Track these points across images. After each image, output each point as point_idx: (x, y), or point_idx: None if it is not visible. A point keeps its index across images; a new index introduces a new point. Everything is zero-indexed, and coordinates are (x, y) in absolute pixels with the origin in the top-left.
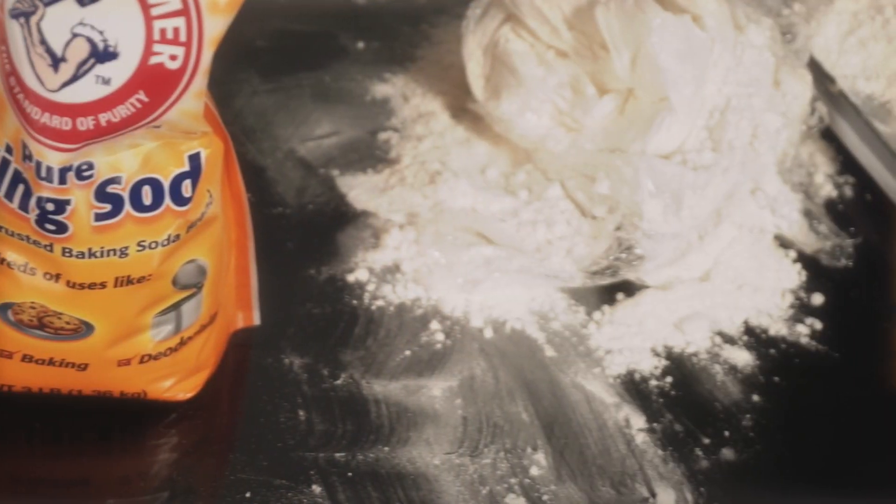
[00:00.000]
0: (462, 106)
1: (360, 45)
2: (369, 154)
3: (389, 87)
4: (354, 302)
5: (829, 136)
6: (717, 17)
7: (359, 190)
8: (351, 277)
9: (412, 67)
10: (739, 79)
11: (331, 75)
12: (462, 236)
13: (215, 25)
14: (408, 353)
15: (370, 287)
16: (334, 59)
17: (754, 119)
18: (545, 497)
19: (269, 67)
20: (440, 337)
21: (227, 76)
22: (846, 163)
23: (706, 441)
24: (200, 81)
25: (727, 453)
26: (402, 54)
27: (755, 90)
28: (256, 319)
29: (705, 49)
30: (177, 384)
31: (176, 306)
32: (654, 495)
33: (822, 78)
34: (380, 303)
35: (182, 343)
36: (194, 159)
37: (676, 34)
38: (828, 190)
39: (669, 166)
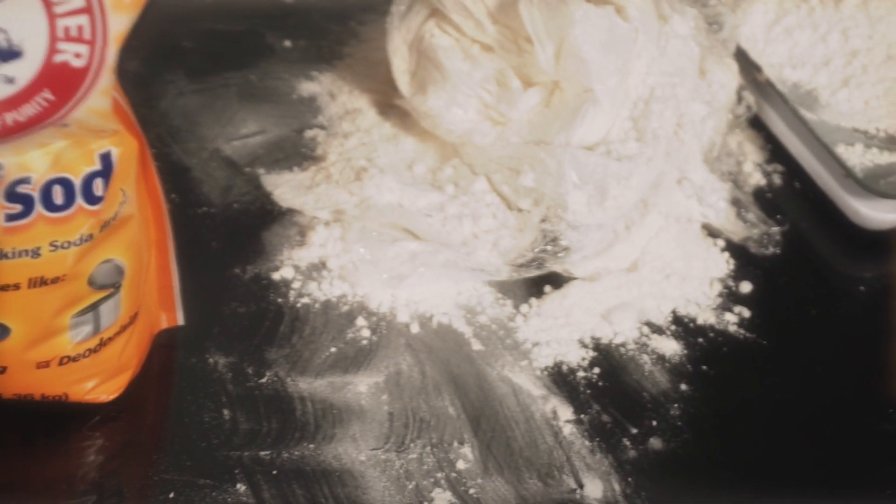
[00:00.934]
0: (389, 102)
1: (288, 43)
2: (295, 152)
3: (316, 85)
4: (280, 300)
5: (757, 125)
6: (640, 8)
7: (284, 188)
8: (276, 275)
9: (339, 65)
10: (664, 69)
11: (257, 74)
12: (388, 232)
13: (120, 22)
14: (333, 349)
15: (296, 285)
16: (261, 58)
17: (679, 108)
18: (472, 491)
19: (195, 67)
20: (366, 333)
21: (152, 77)
22: (775, 151)
23: (634, 431)
24: (107, 79)
25: (655, 443)
26: (329, 52)
27: (680, 80)
28: (180, 320)
29: (629, 40)
30: (99, 386)
31: (94, 307)
32: (581, 486)
33: (749, 67)
34: (305, 300)
35: (102, 344)
36: (105, 158)
37: (599, 25)
38: (756, 178)
39: (593, 157)
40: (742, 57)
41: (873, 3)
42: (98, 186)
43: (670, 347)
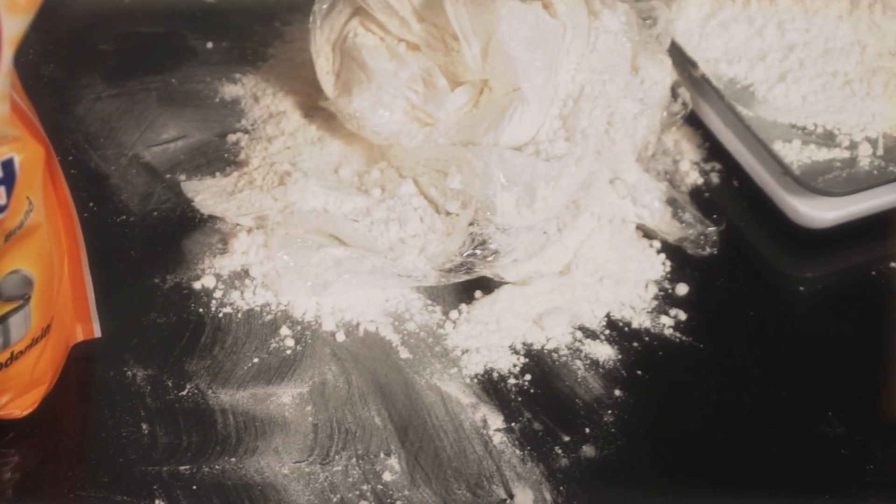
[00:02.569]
0: (314, 104)
1: (210, 45)
2: (218, 157)
3: (239, 88)
4: (201, 310)
5: (695, 122)
6: (568, 4)
7: (206, 194)
8: (197, 285)
9: (263, 67)
10: (593, 65)
11: (178, 77)
12: (313, 238)
13: (14, 25)
14: (256, 360)
15: (217, 294)
16: (182, 61)
17: (610, 106)
18: (398, 503)
19: (113, 71)
20: (290, 343)
21: (69, 81)
22: (713, 149)
23: (566, 439)
24: (2, 83)
25: (588, 450)
26: (253, 54)
27: (610, 76)
28: (97, 332)
29: (556, 36)
30: (12, 401)
31: (2, 319)
32: (511, 496)
33: (684, 62)
34: (227, 310)
35: (13, 358)
36: (7, 165)
37: (526, 21)
38: (694, 177)
39: (521, 157)
40: (677, 52)
41: None
42: (0, 195)
43: (604, 352)
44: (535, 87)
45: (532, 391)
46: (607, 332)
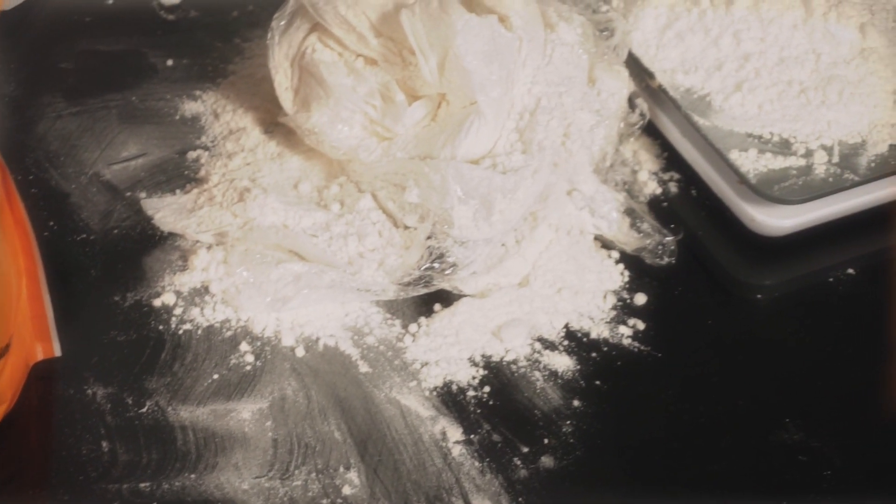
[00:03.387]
0: (274, 120)
1: (170, 62)
2: (178, 174)
3: (200, 105)
4: (161, 327)
5: (653, 133)
6: (524, 17)
7: (166, 212)
8: (157, 302)
9: (224, 83)
10: (550, 78)
11: (139, 95)
12: (272, 254)
13: None
14: (216, 376)
15: (177, 311)
16: (143, 79)
17: (566, 118)
18: None
19: (74, 90)
20: (250, 358)
21: (29, 100)
22: (671, 159)
23: (525, 450)
24: None
25: (546, 461)
26: (213, 70)
27: (567, 89)
28: (57, 350)
29: (512, 49)
30: None
31: None
32: None
33: (641, 73)
34: (187, 326)
35: None
36: None
37: (481, 35)
38: (652, 187)
39: (477, 171)
40: (634, 63)
41: (764, 5)
42: None
43: (563, 363)
44: (492, 101)
45: (491, 403)
46: (566, 342)
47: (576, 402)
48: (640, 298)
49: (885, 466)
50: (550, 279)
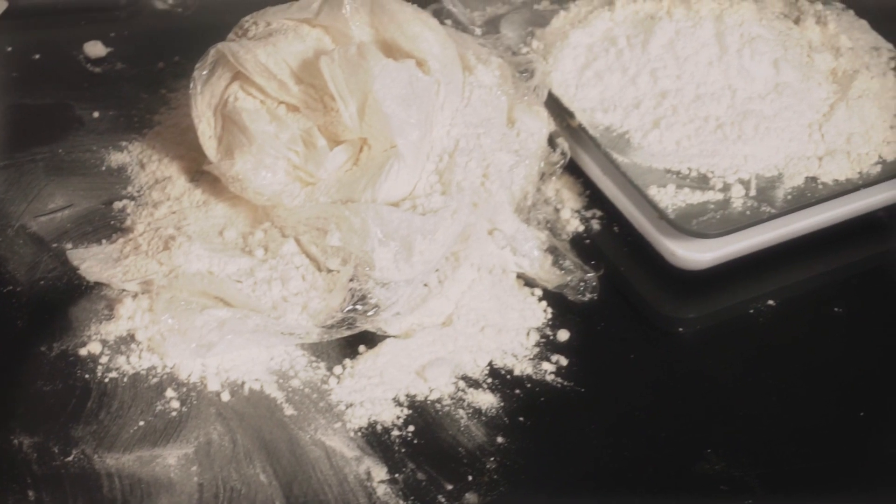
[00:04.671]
0: (200, 168)
1: (96, 114)
2: (104, 224)
3: (126, 155)
4: (87, 376)
5: (576, 171)
6: (441, 60)
7: (91, 262)
8: (83, 351)
9: (149, 133)
10: (468, 119)
11: (65, 147)
12: (197, 300)
13: None
14: (142, 423)
15: (104, 359)
16: (69, 131)
17: (485, 159)
18: None
19: (0, 144)
20: (175, 404)
21: None
22: (593, 196)
23: (449, 487)
24: None
25: (470, 498)
26: (139, 121)
27: (485, 130)
28: None
29: (430, 93)
30: None
31: None
32: None
33: (562, 113)
34: (113, 374)
35: None
36: None
37: (399, 80)
38: (575, 225)
39: (397, 213)
40: (554, 103)
41: (679, 43)
42: None
43: (486, 400)
44: (411, 144)
45: (415, 442)
46: (490, 380)
47: (500, 439)
48: (563, 335)
49: (803, 493)
50: (474, 318)
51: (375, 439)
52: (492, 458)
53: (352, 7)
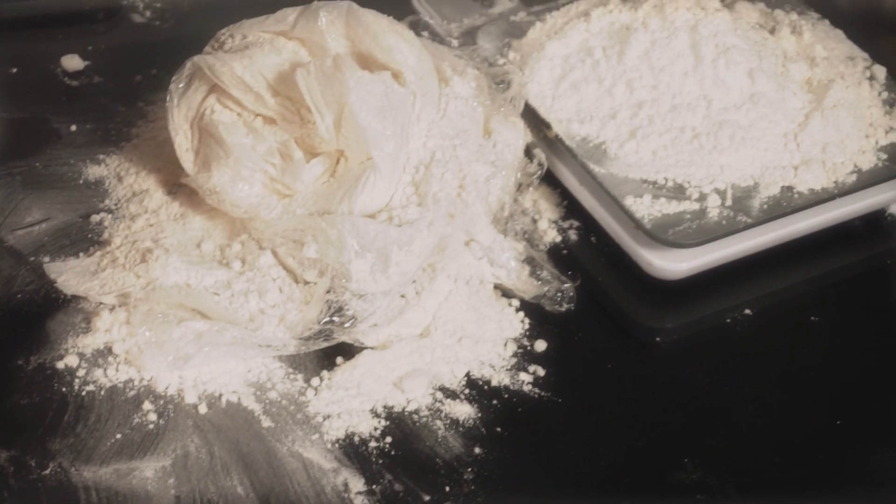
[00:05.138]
0: (177, 181)
1: (74, 127)
2: (82, 238)
3: (103, 168)
4: (64, 389)
5: (553, 182)
6: (417, 72)
7: (69, 275)
8: (61, 364)
9: (127, 146)
10: (444, 131)
11: (42, 161)
12: (174, 313)
13: None
14: (119, 436)
15: (81, 372)
16: (47, 144)
17: (461, 170)
18: None
19: None
20: (153, 417)
21: None
22: (571, 207)
23: (426, 498)
24: None
25: None
26: (117, 134)
27: (461, 141)
28: None
29: (406, 104)
30: None
31: None
32: None
33: (538, 124)
34: (91, 387)
35: None
36: None
37: (375, 92)
38: (552, 235)
39: (373, 225)
40: (531, 114)
41: (655, 54)
42: None
43: (464, 411)
44: (387, 156)
45: (393, 453)
46: (467, 391)
47: (477, 450)
48: (541, 345)
49: (780, 502)
50: (451, 329)
51: (353, 451)
52: (469, 469)
53: (327, 19)
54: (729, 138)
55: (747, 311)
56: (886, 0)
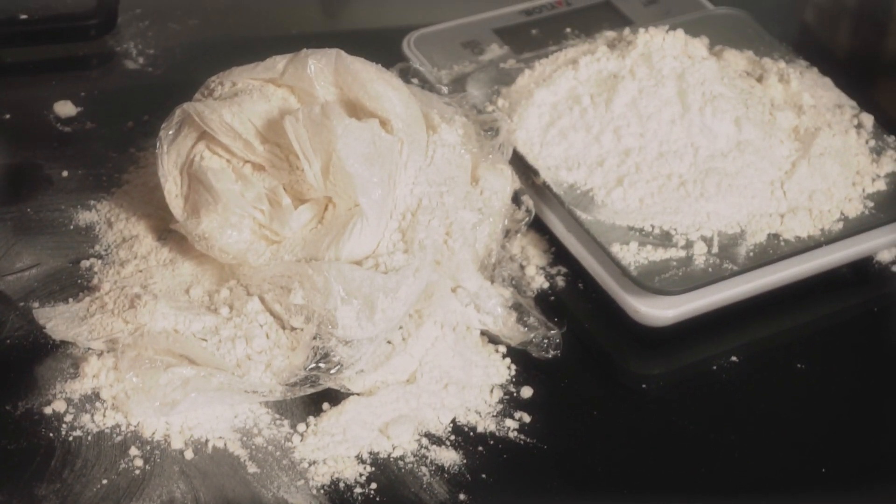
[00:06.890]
0: (167, 227)
1: (65, 173)
2: (71, 283)
3: (94, 214)
4: (51, 434)
5: (541, 229)
6: (405, 119)
7: (57, 320)
8: (48, 410)
9: (118, 192)
10: (431, 178)
11: (33, 206)
12: (162, 359)
13: None
14: (105, 481)
15: (68, 418)
16: (38, 190)
17: (448, 217)
18: None
19: None
20: (139, 462)
21: None
22: (558, 254)
23: None
24: None
25: None
26: (108, 180)
27: (448, 188)
28: None
29: (393, 151)
30: None
31: None
32: None
33: (526, 170)
34: (77, 433)
35: None
36: None
37: (362, 139)
38: (540, 282)
39: (359, 271)
40: (519, 161)
41: (642, 102)
42: None
43: (449, 458)
44: (374, 202)
45: (378, 499)
46: (452, 437)
47: (462, 496)
48: (527, 391)
49: None
50: (437, 375)
51: (338, 497)
52: None
53: (316, 67)
54: (716, 186)
55: (734, 359)
56: (876, 48)
